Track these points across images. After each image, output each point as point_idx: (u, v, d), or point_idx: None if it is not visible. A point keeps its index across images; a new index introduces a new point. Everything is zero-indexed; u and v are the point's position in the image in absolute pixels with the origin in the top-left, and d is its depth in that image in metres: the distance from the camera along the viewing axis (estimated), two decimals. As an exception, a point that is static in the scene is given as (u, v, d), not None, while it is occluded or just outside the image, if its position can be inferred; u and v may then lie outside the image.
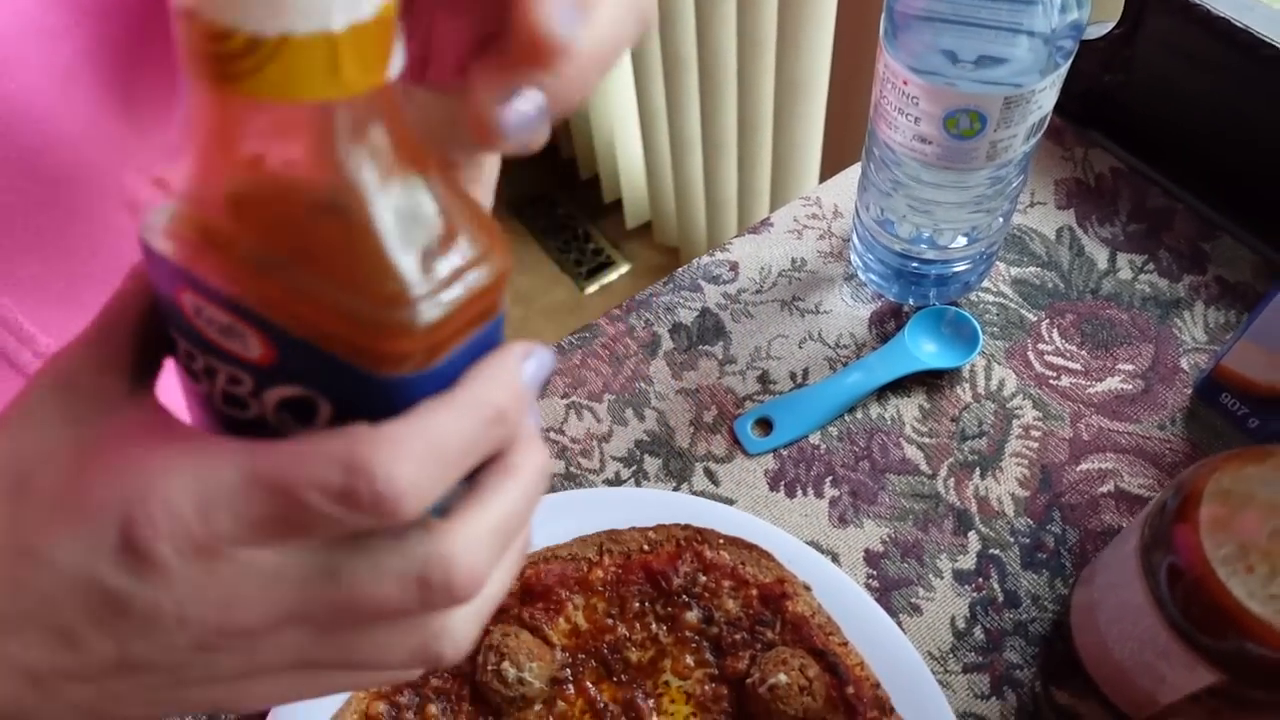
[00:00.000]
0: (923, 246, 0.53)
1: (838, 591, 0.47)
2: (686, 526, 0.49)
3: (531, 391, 0.24)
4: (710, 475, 0.53)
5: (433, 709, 0.46)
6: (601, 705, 0.46)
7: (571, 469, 0.54)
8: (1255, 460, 0.35)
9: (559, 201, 2.00)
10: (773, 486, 0.53)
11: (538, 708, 0.46)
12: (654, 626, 0.47)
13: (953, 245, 0.53)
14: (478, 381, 0.23)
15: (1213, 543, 0.34)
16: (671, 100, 1.49)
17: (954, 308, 0.56)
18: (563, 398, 0.57)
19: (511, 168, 0.86)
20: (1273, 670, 0.34)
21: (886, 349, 0.55)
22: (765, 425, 0.54)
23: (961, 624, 0.48)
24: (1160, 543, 0.37)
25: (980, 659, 0.47)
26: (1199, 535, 0.35)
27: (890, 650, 0.45)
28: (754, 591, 0.47)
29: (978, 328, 0.55)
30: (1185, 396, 0.54)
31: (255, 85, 0.18)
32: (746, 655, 0.46)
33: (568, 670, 0.47)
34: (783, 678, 0.43)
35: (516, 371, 0.24)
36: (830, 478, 0.53)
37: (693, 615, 0.47)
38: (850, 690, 0.44)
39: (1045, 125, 0.47)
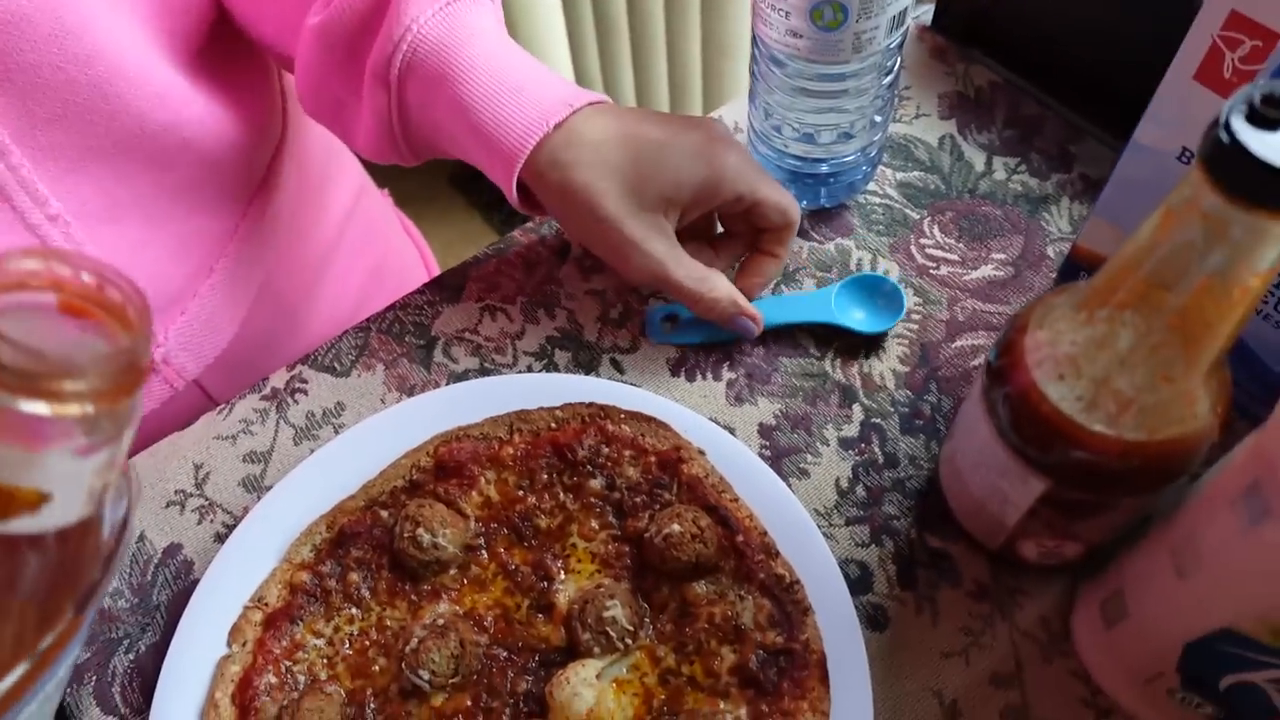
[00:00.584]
0: (808, 148, 0.57)
1: (730, 455, 0.51)
2: (591, 405, 0.52)
3: None
4: (616, 365, 0.57)
5: (354, 576, 0.49)
6: (513, 568, 0.49)
7: (486, 365, 0.57)
8: (1058, 294, 0.40)
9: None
10: (674, 372, 0.57)
11: (453, 572, 0.49)
12: (561, 495, 0.51)
13: (834, 145, 0.57)
14: None
15: (1032, 360, 0.39)
16: (605, 67, 1.52)
17: (890, 280, 0.57)
18: (477, 301, 0.60)
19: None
20: (1087, 471, 0.38)
21: (811, 298, 0.57)
22: (673, 321, 0.58)
23: (845, 484, 0.52)
24: (996, 376, 0.41)
25: (861, 513, 0.51)
26: (1023, 356, 0.39)
27: (777, 503, 0.49)
28: (652, 459, 0.51)
29: (904, 298, 0.56)
30: (1049, 280, 0.58)
31: None
32: (646, 516, 0.49)
33: (481, 539, 0.50)
34: (676, 527, 0.47)
35: None
36: (728, 362, 0.57)
37: (596, 483, 0.51)
38: (740, 538, 0.48)
39: (907, 20, 0.51)
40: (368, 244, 0.77)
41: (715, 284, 0.53)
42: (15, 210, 0.46)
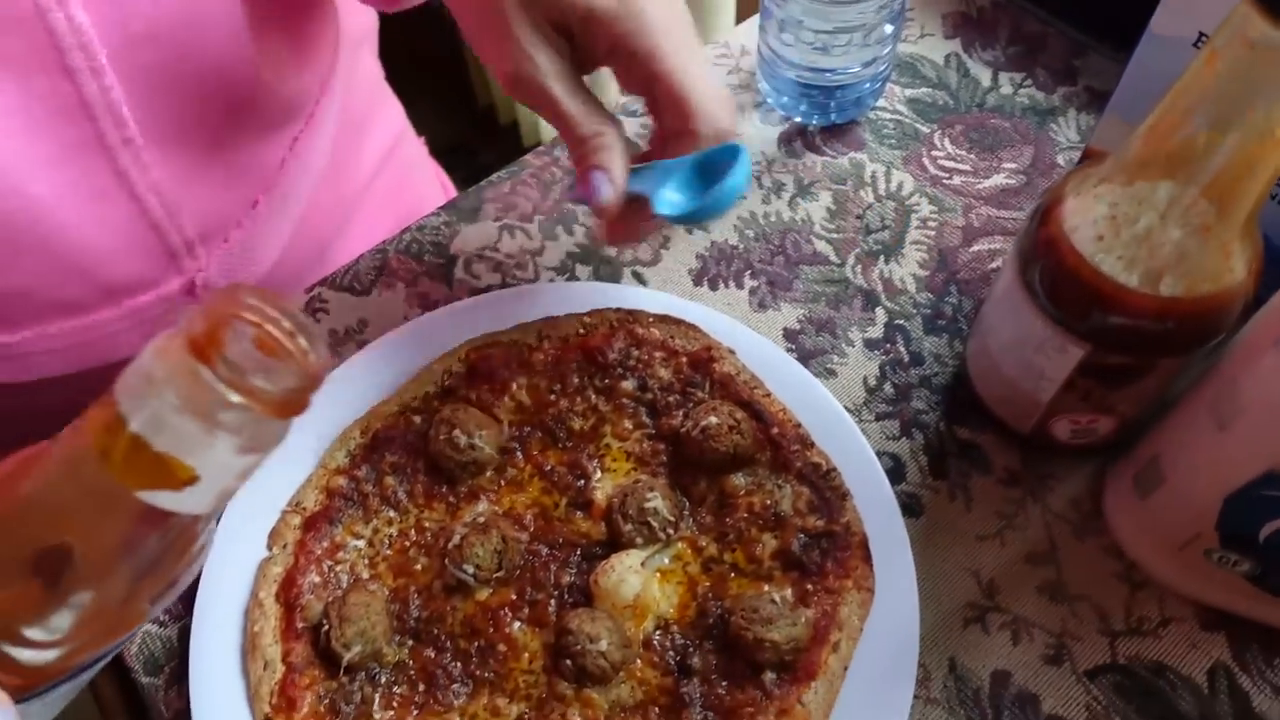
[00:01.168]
0: (819, 58, 0.58)
1: (759, 353, 0.51)
2: (618, 310, 0.53)
3: None
4: (638, 277, 0.57)
5: (389, 480, 0.49)
6: (549, 468, 0.49)
7: (508, 280, 0.57)
8: (1091, 165, 0.41)
9: (479, 150, 2.01)
10: (696, 282, 0.57)
11: (489, 474, 0.49)
12: (593, 398, 0.51)
13: (845, 56, 0.58)
14: None
15: (1071, 226, 0.40)
16: None
17: (737, 147, 0.43)
18: (495, 221, 0.60)
19: (429, 119, 0.89)
20: (1126, 332, 0.39)
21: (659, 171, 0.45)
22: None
23: (872, 382, 0.53)
24: (1033, 252, 0.42)
25: (890, 408, 0.52)
26: (1062, 225, 0.40)
27: (808, 397, 0.50)
28: (683, 359, 0.51)
29: (745, 162, 0.42)
30: (1062, 184, 0.59)
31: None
32: (680, 414, 0.50)
33: (515, 442, 0.50)
34: (713, 419, 0.47)
35: None
36: (749, 271, 0.57)
37: (628, 384, 0.51)
38: (775, 430, 0.48)
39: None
40: (401, 188, 0.77)
41: (608, 138, 0.43)
42: (98, 131, 0.46)
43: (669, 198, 0.43)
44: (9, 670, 0.27)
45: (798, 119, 0.63)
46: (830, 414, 0.49)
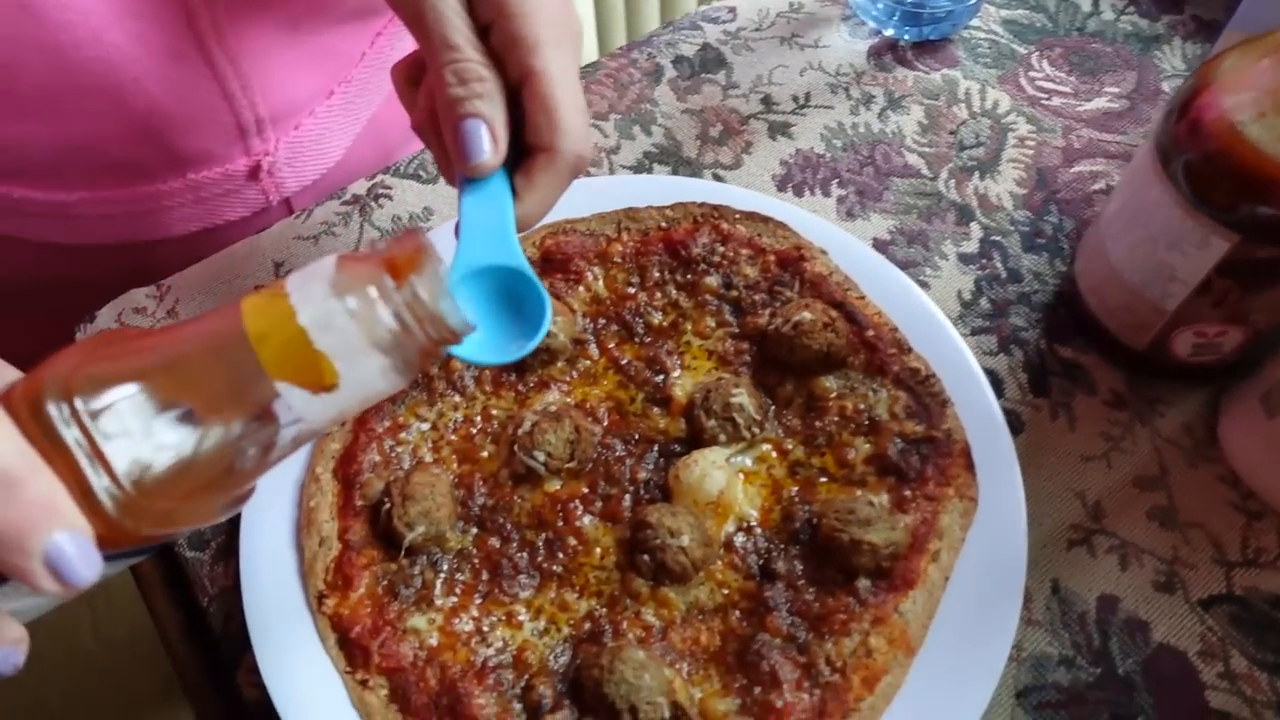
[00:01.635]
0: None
1: (853, 255, 0.48)
2: (703, 204, 0.49)
3: None
4: (719, 180, 0.54)
5: (456, 363, 0.46)
6: (625, 362, 0.46)
7: (584, 176, 0.54)
8: (1233, 50, 0.38)
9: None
10: (780, 188, 0.54)
11: (560, 364, 0.46)
12: (673, 293, 0.48)
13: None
14: None
15: (1227, 105, 0.36)
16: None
17: (535, 289, 0.37)
18: (569, 117, 0.57)
19: None
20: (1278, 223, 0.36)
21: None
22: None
23: (968, 295, 0.50)
24: (1171, 143, 0.39)
25: (987, 323, 0.49)
26: (1212, 108, 0.37)
27: (905, 302, 0.46)
28: (771, 257, 0.48)
29: (545, 304, 0.36)
30: (1169, 110, 0.56)
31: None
32: (766, 313, 0.47)
33: (589, 334, 0.47)
34: (807, 314, 0.44)
35: None
36: (837, 180, 0.54)
37: (712, 281, 0.48)
38: (870, 333, 0.45)
39: None
40: None
41: (493, 85, 0.36)
42: (185, 6, 0.45)
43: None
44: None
45: (889, 33, 0.60)
46: (928, 321, 0.46)
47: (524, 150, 0.37)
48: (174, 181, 0.52)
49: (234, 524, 0.42)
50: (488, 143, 0.36)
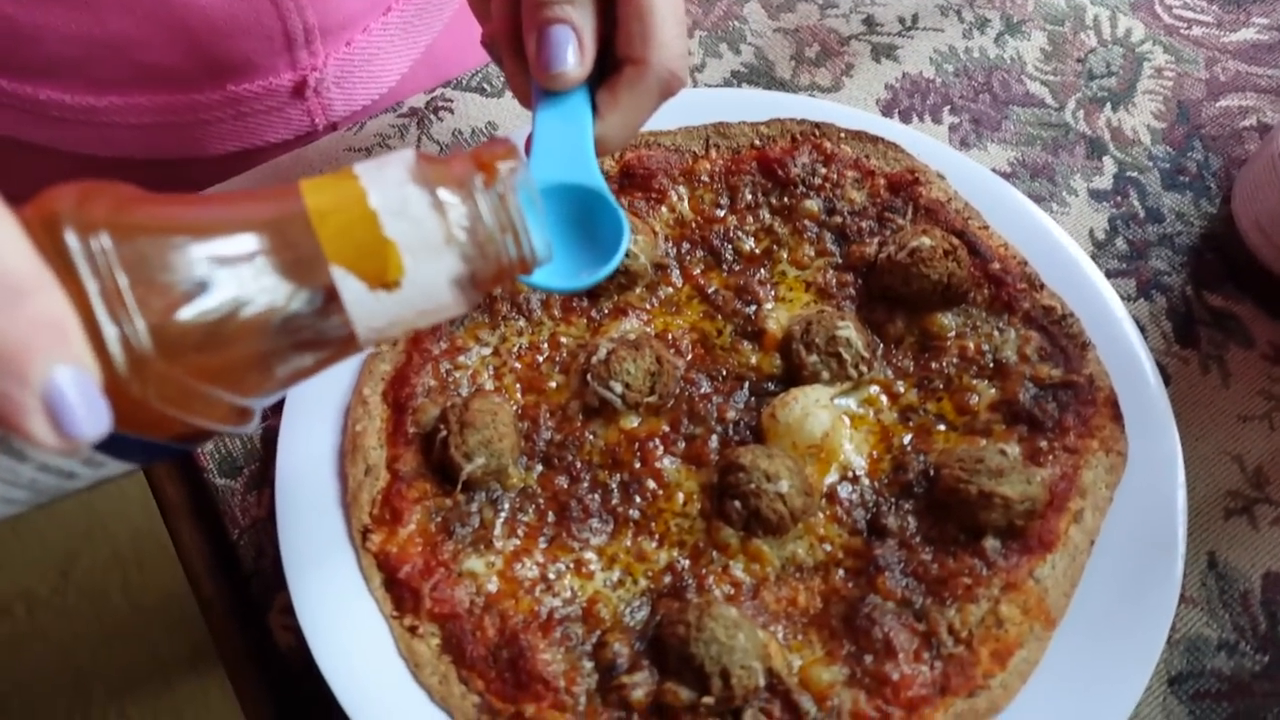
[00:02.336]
0: None
1: (976, 181, 0.42)
2: (803, 121, 0.44)
3: None
4: (816, 103, 0.49)
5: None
6: (712, 291, 0.41)
7: (662, 95, 0.49)
8: None
9: None
10: (885, 113, 0.48)
11: (639, 290, 0.41)
12: (767, 218, 0.42)
13: None
14: None
15: None
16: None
17: (615, 211, 0.33)
18: (649, 32, 0.51)
19: None
20: None
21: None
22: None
23: (1101, 235, 0.44)
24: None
25: (1124, 266, 0.43)
26: None
27: (1036, 234, 0.41)
28: (881, 181, 0.42)
29: (622, 228, 0.33)
30: (1328, 42, 0.50)
31: None
32: (874, 242, 0.41)
33: (672, 259, 0.42)
34: (926, 240, 0.39)
35: None
36: (949, 107, 0.48)
37: (812, 205, 0.42)
38: (995, 266, 0.40)
39: None
40: None
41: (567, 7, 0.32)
42: None
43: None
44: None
45: (1006, -47, 0.54)
46: (1063, 257, 0.40)
47: (611, 67, 0.33)
48: (212, 92, 0.47)
49: (269, 450, 0.38)
50: (573, 52, 0.32)
